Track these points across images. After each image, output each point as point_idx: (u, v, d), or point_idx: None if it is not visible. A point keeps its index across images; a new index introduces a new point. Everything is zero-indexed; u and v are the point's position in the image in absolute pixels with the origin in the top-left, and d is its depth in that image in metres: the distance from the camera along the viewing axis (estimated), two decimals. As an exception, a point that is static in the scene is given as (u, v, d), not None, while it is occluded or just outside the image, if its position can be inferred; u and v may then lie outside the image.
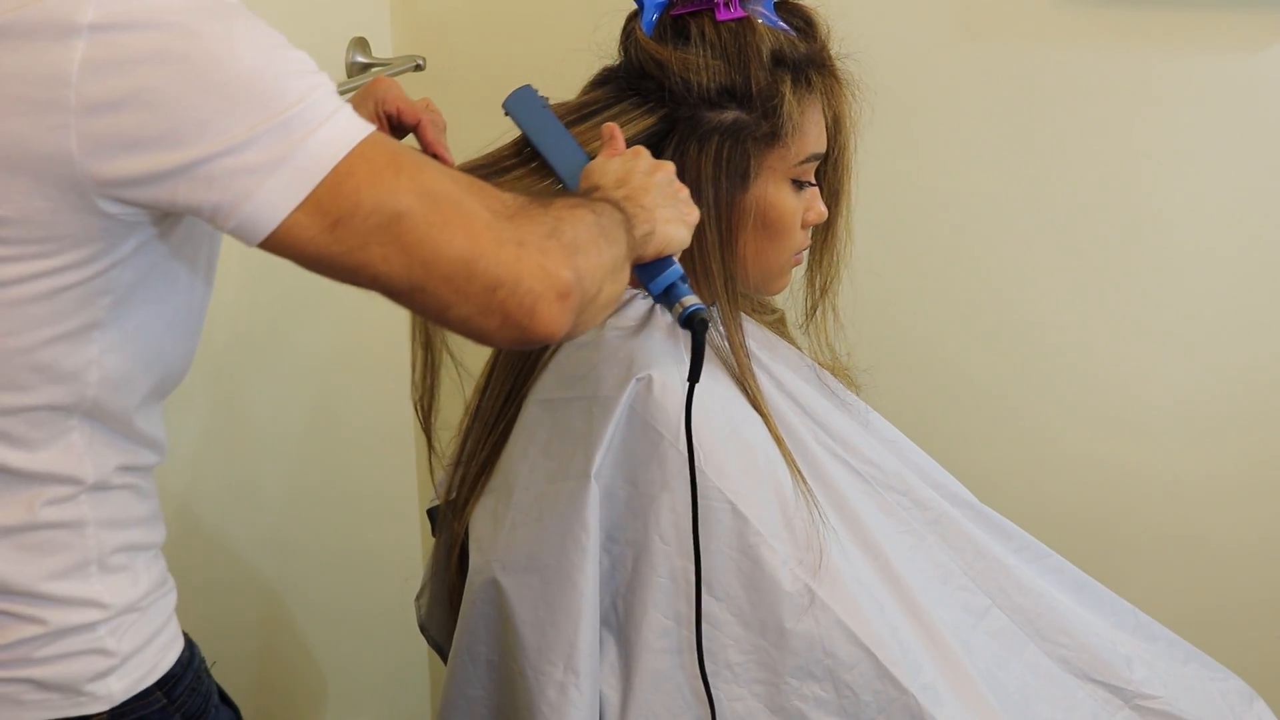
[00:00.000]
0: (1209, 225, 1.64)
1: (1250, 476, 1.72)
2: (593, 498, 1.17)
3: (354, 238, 0.83)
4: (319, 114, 0.82)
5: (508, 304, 0.85)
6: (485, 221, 0.85)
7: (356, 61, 1.80)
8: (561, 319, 0.88)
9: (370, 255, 0.83)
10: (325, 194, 0.82)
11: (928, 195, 1.74)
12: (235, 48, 0.81)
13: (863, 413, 1.37)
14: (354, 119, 0.85)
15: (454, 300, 0.85)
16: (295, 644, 1.90)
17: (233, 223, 0.83)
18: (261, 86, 0.81)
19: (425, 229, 0.83)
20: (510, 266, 0.85)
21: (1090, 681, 1.32)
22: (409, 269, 0.84)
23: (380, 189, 0.83)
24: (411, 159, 0.86)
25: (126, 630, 0.97)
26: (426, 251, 0.84)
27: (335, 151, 0.82)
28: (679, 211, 1.08)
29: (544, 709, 1.17)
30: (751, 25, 1.19)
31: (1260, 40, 1.55)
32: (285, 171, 0.81)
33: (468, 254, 0.84)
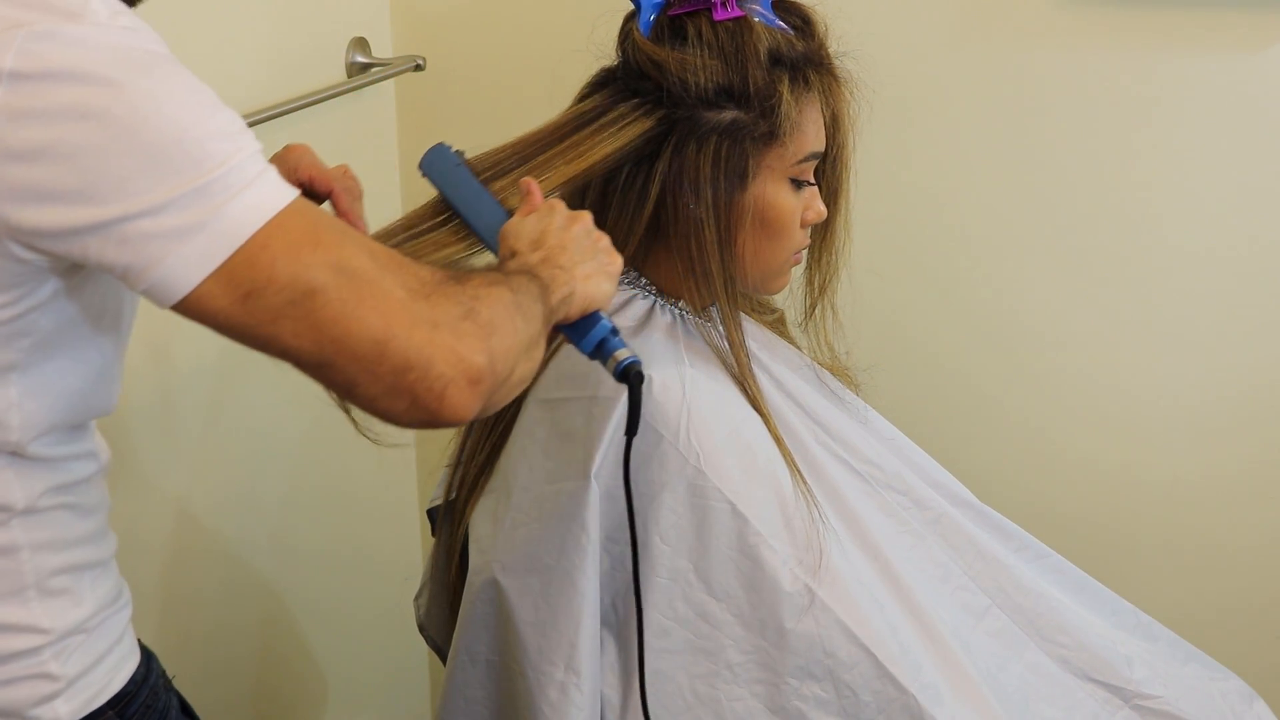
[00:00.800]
0: (1209, 226, 1.64)
1: (1250, 478, 1.72)
2: (593, 498, 1.17)
3: (265, 311, 0.81)
4: (240, 179, 0.80)
5: (417, 387, 0.83)
6: (400, 301, 0.83)
7: (356, 61, 1.80)
8: (472, 404, 0.85)
9: (280, 329, 0.81)
10: (239, 265, 0.79)
11: (927, 194, 1.74)
12: (159, 105, 0.79)
13: (862, 411, 1.37)
14: (277, 186, 0.82)
15: (363, 379, 0.82)
16: (295, 644, 1.90)
17: (144, 285, 0.80)
18: (183, 148, 0.79)
19: (338, 306, 0.81)
20: (422, 349, 0.82)
21: (1090, 681, 1.32)
22: (319, 345, 0.82)
23: (295, 263, 0.80)
24: (331, 232, 0.83)
25: (72, 653, 0.95)
26: (338, 330, 0.81)
27: (252, 221, 0.80)
28: (600, 264, 1.05)
29: (545, 709, 1.17)
30: (749, 25, 1.19)
31: (1260, 40, 1.55)
32: (200, 239, 0.79)
33: (380, 334, 0.82)
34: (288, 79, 1.65)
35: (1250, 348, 1.67)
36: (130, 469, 1.48)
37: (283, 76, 1.65)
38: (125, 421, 1.46)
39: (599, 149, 1.19)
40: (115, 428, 1.43)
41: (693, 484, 1.17)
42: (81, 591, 0.97)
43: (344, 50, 1.79)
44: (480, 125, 1.89)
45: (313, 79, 1.70)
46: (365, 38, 1.81)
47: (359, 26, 1.81)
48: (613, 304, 1.26)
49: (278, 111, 1.58)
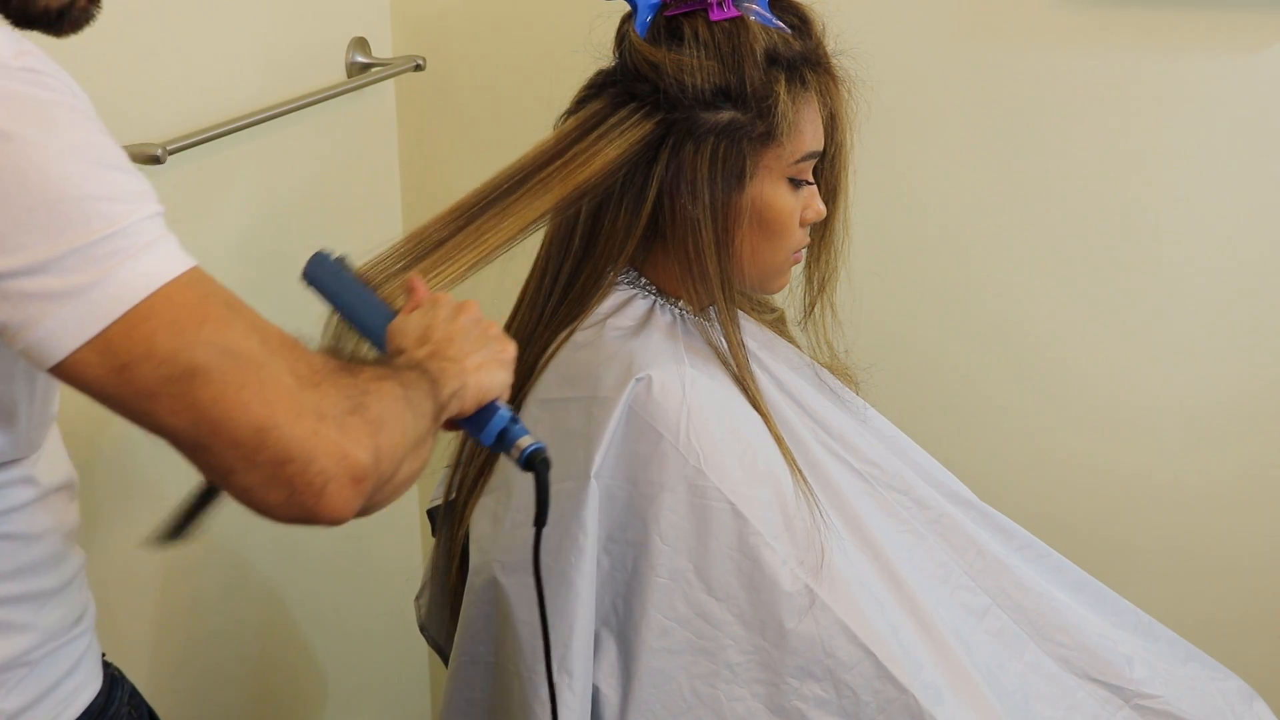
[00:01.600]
0: (1209, 226, 1.64)
1: (1249, 479, 1.72)
2: (592, 497, 1.17)
3: (141, 385, 0.76)
4: (130, 245, 0.76)
5: (296, 481, 0.78)
6: (287, 388, 0.79)
7: (356, 61, 1.80)
8: (352, 503, 0.80)
9: (156, 406, 0.77)
10: (117, 335, 0.75)
11: (926, 193, 1.74)
12: (50, 158, 0.75)
13: (861, 410, 1.37)
14: (170, 255, 0.78)
15: (239, 467, 0.78)
16: (296, 645, 1.90)
17: (20, 345, 0.76)
18: (72, 205, 0.75)
19: (219, 388, 0.76)
20: (305, 441, 0.78)
21: (1090, 681, 1.32)
22: (196, 427, 0.77)
23: (177, 338, 0.76)
24: (222, 308, 0.79)
25: (13, 687, 0.92)
26: (217, 412, 0.76)
27: (138, 290, 0.76)
28: (491, 353, 1.01)
29: (537, 709, 1.17)
30: (745, 24, 1.18)
31: (1260, 40, 1.55)
32: (80, 304, 0.74)
33: (262, 421, 0.77)
34: (288, 79, 1.65)
35: (1249, 349, 1.67)
36: (129, 472, 1.48)
37: (283, 76, 1.65)
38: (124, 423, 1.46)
39: (599, 158, 1.19)
40: (115, 430, 1.43)
41: (693, 484, 1.17)
42: (23, 623, 0.93)
43: (344, 50, 1.79)
44: (480, 125, 1.90)
45: (313, 79, 1.70)
46: (365, 38, 1.81)
47: (359, 26, 1.81)
48: (612, 305, 1.26)
49: (278, 111, 1.58)
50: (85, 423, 1.40)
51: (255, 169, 1.62)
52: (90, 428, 1.41)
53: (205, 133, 1.45)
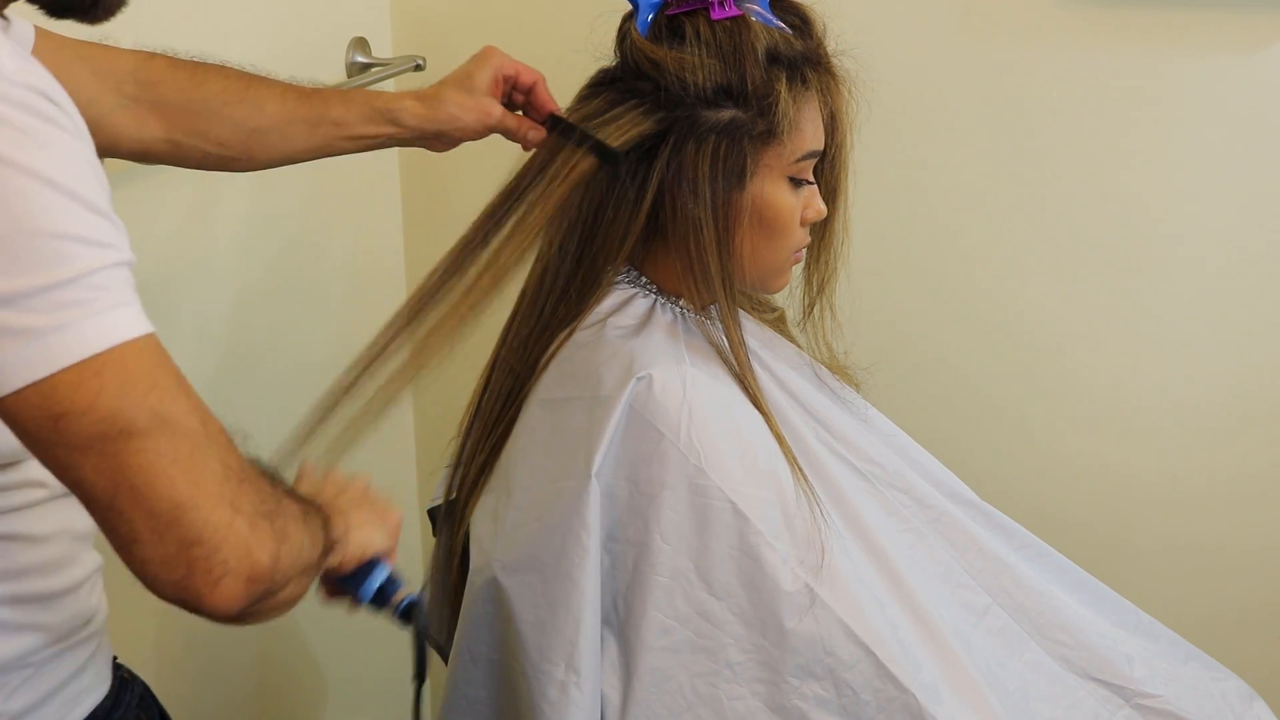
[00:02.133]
0: (1209, 226, 1.64)
1: (1249, 478, 1.72)
2: (593, 497, 1.17)
3: (74, 438, 0.75)
4: (96, 297, 0.75)
5: (197, 565, 0.78)
6: (214, 474, 0.79)
7: (356, 61, 1.80)
8: (240, 600, 0.81)
9: (83, 460, 0.76)
10: (64, 384, 0.74)
11: (926, 194, 1.74)
12: (36, 187, 0.73)
13: (862, 410, 1.37)
14: (133, 316, 0.77)
15: (146, 538, 0.77)
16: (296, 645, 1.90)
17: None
18: (48, 243, 0.73)
19: (150, 458, 0.76)
20: (217, 530, 0.78)
21: (1091, 680, 1.32)
22: (116, 489, 0.76)
23: (122, 399, 0.75)
24: (171, 381, 0.79)
25: (16, 689, 0.92)
26: (141, 480, 0.76)
27: (94, 344, 0.75)
28: (375, 513, 1.04)
29: (544, 708, 1.17)
30: (746, 23, 1.19)
31: (1260, 40, 1.55)
32: (34, 346, 0.73)
33: (183, 500, 0.77)
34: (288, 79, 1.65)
35: (1250, 349, 1.67)
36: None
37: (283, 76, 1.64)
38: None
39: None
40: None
41: (693, 483, 1.17)
42: (26, 624, 0.93)
43: (344, 50, 1.79)
44: (480, 125, 1.90)
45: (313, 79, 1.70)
46: (365, 38, 1.81)
47: (359, 26, 1.81)
48: (613, 304, 1.27)
49: (278, 111, 1.58)
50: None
51: (255, 169, 1.62)
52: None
53: (205, 133, 1.45)
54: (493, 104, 1.26)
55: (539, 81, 1.28)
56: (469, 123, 1.26)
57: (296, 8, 1.67)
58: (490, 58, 1.27)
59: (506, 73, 1.27)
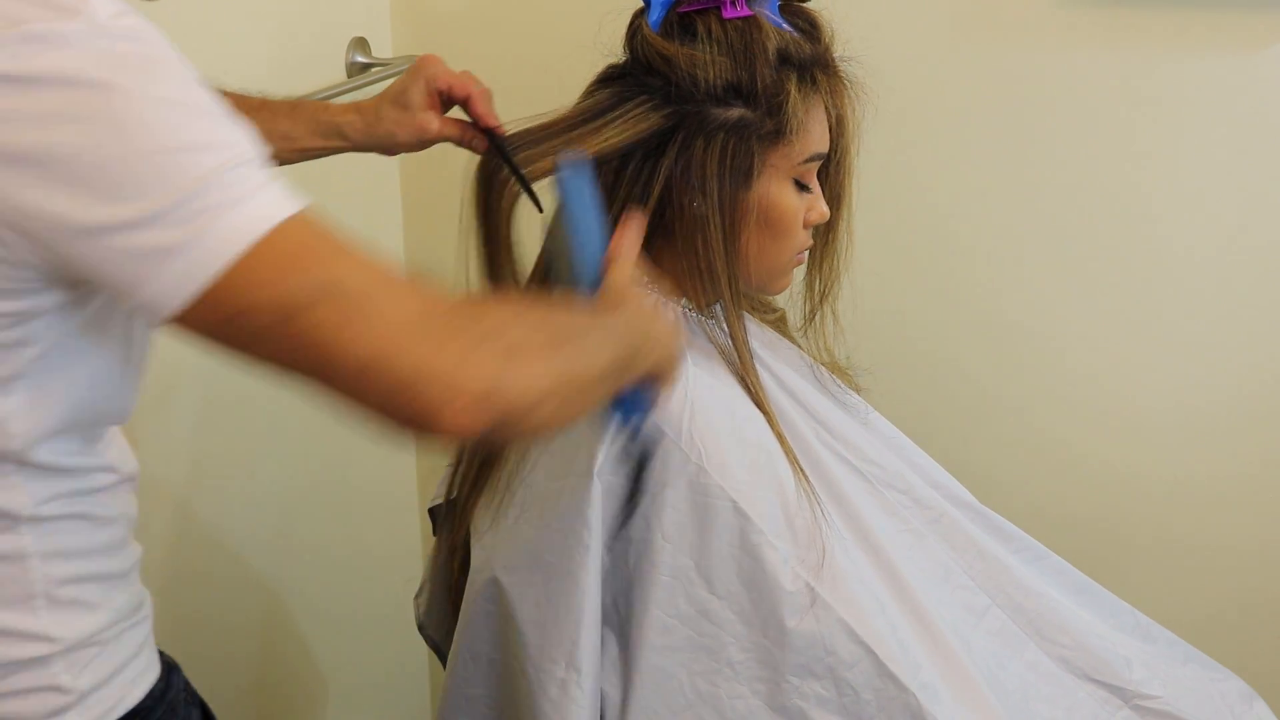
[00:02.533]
0: (1209, 226, 1.65)
1: (1250, 478, 1.72)
2: (595, 495, 1.17)
3: (249, 334, 0.79)
4: (229, 195, 0.77)
5: (416, 403, 0.80)
6: (399, 319, 0.81)
7: (356, 61, 1.80)
8: (478, 421, 0.81)
9: (267, 350, 0.80)
10: (222, 289, 0.77)
11: (927, 196, 1.74)
12: (150, 112, 0.76)
13: (863, 412, 1.38)
14: (270, 201, 0.79)
15: (362, 395, 0.81)
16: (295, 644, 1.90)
17: (132, 303, 0.79)
18: (172, 159, 0.76)
19: (326, 328, 0.78)
20: (419, 368, 0.80)
21: (1090, 681, 1.32)
22: (314, 366, 0.80)
23: (280, 285, 0.78)
24: (327, 247, 0.81)
25: (85, 666, 0.94)
26: (328, 350, 0.79)
27: (238, 241, 0.77)
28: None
29: (545, 707, 1.17)
30: (758, 24, 1.19)
31: (1260, 40, 1.55)
32: (182, 260, 0.76)
33: (373, 353, 0.79)
34: (288, 79, 1.65)
35: (1250, 348, 1.68)
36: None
37: (283, 76, 1.65)
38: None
39: (607, 142, 1.20)
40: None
41: (695, 482, 1.17)
42: (95, 602, 0.95)
43: (344, 50, 1.79)
44: (480, 125, 1.90)
45: (313, 79, 1.70)
46: (365, 38, 1.81)
47: (359, 26, 1.81)
48: None
49: (278, 111, 1.58)
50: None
51: (255, 168, 1.62)
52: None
53: (205, 132, 1.45)
54: (428, 118, 1.24)
55: (474, 96, 1.24)
56: (405, 139, 1.26)
57: (296, 8, 1.68)
58: (423, 70, 1.25)
59: (439, 86, 1.24)
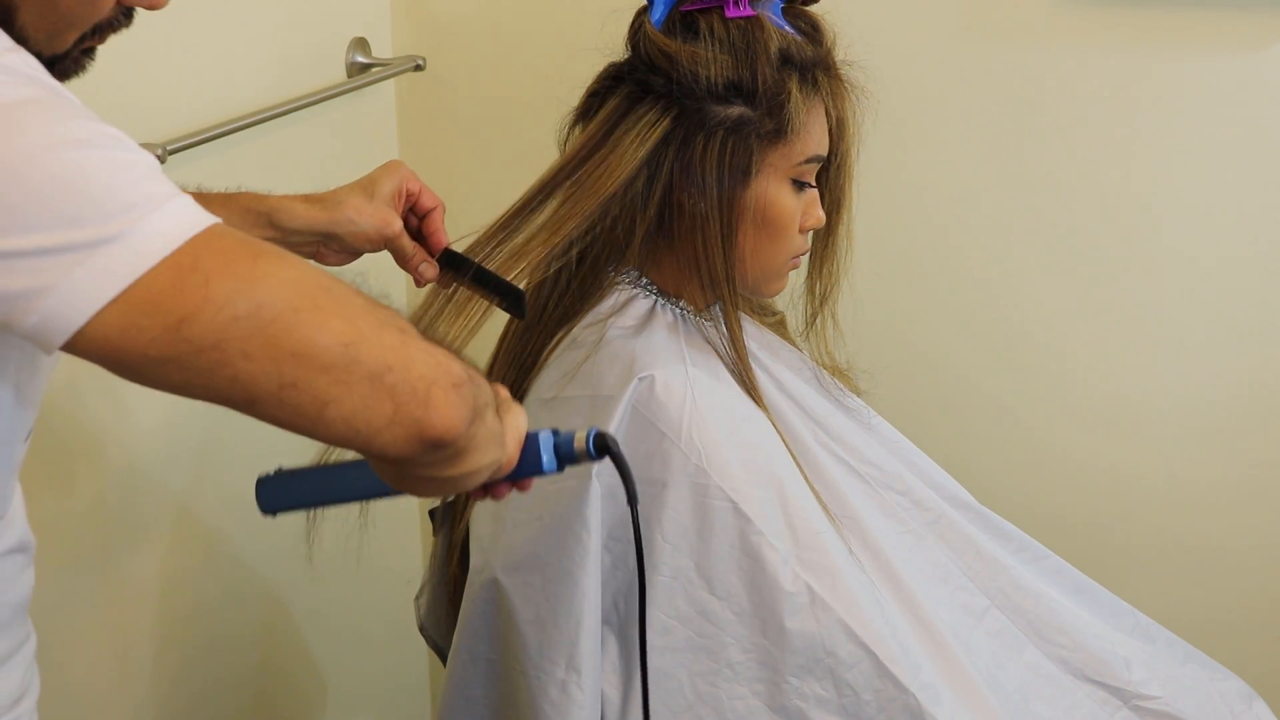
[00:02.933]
0: (1209, 227, 1.64)
1: (1249, 479, 1.72)
2: (594, 496, 1.17)
3: (204, 337, 0.69)
4: (150, 199, 0.70)
5: (399, 389, 0.73)
6: (360, 305, 0.74)
7: (356, 61, 1.80)
8: (460, 410, 0.75)
9: (228, 356, 0.70)
10: (162, 287, 0.69)
11: (926, 196, 1.74)
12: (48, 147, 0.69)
13: (865, 416, 1.38)
14: (195, 207, 0.72)
15: (335, 393, 0.72)
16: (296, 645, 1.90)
17: (33, 319, 0.68)
18: (83, 176, 0.69)
19: (293, 316, 0.71)
20: (397, 350, 0.73)
21: (1089, 682, 1.32)
22: (277, 363, 0.71)
23: (233, 277, 0.70)
24: (268, 246, 0.74)
25: None
26: (296, 340, 0.71)
27: (171, 237, 0.70)
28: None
29: (546, 708, 1.17)
30: (760, 24, 1.19)
31: (1260, 40, 1.55)
32: (103, 256, 0.68)
33: (347, 337, 0.72)
34: (288, 79, 1.66)
35: (1250, 349, 1.67)
36: (131, 475, 1.48)
37: (283, 77, 1.65)
38: (126, 428, 1.47)
39: (628, 162, 1.19)
40: (116, 434, 1.43)
41: (695, 482, 1.17)
42: None
43: (344, 50, 1.79)
44: (480, 125, 1.90)
45: (313, 79, 1.70)
46: (365, 38, 1.81)
47: (359, 26, 1.81)
48: (614, 304, 1.27)
49: (278, 111, 1.58)
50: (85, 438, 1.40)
51: (255, 169, 1.62)
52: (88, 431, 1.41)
53: (205, 133, 1.46)
54: (393, 215, 1.18)
55: (438, 209, 1.20)
56: (366, 228, 1.17)
57: (297, 8, 1.68)
58: (397, 169, 1.20)
59: (410, 187, 1.19)
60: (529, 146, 1.40)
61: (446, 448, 0.77)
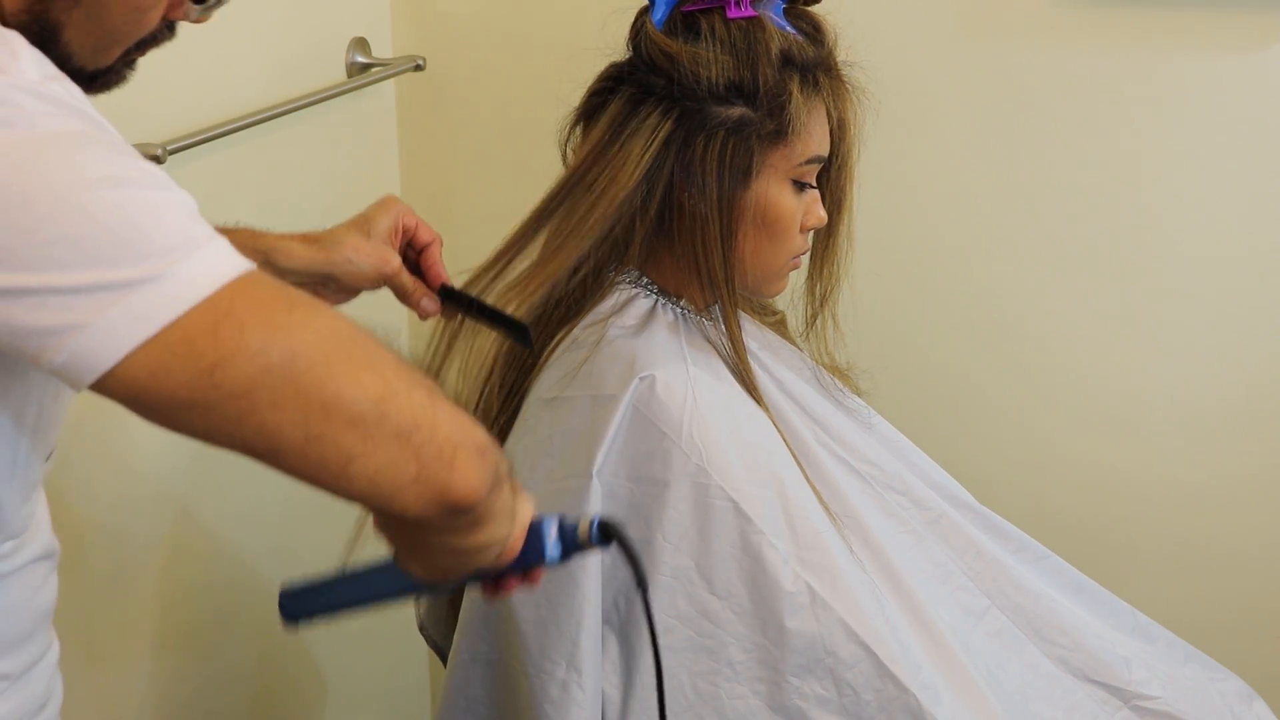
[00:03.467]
0: (1209, 227, 1.65)
1: (1250, 479, 1.72)
2: (594, 495, 1.17)
3: (236, 383, 0.69)
4: (188, 242, 0.70)
5: (425, 450, 0.72)
6: (392, 362, 0.74)
7: (356, 61, 1.80)
8: (483, 475, 0.75)
9: (257, 404, 0.70)
10: (197, 331, 0.68)
11: (926, 196, 1.74)
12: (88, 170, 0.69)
13: (866, 416, 1.38)
14: (231, 251, 0.72)
15: (361, 449, 0.71)
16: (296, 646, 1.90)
17: (62, 356, 0.68)
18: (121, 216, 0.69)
19: (325, 368, 0.70)
20: (426, 409, 0.73)
21: (1089, 682, 1.32)
22: (306, 415, 0.70)
23: (268, 324, 0.70)
24: (303, 295, 0.74)
25: None
26: (328, 393, 0.70)
27: (205, 282, 0.70)
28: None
29: (546, 708, 1.17)
30: (762, 24, 1.19)
31: (1260, 40, 1.55)
32: (139, 298, 0.68)
33: (378, 392, 0.71)
34: (288, 79, 1.65)
35: (1250, 349, 1.67)
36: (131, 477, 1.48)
37: (283, 76, 1.65)
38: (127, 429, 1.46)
39: (637, 169, 1.19)
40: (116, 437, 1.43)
41: (695, 482, 1.17)
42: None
43: (344, 50, 1.79)
44: (480, 125, 1.90)
45: (313, 79, 1.70)
46: (365, 38, 1.81)
47: (359, 26, 1.81)
48: (614, 304, 1.27)
49: (278, 111, 1.58)
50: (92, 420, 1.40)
51: (255, 169, 1.62)
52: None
53: (205, 133, 1.45)
54: (391, 253, 1.16)
55: (435, 242, 1.18)
56: (364, 267, 1.15)
57: (297, 8, 1.67)
58: (393, 205, 1.18)
59: (406, 223, 1.17)
60: (529, 146, 1.41)
61: (467, 513, 0.77)
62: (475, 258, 1.23)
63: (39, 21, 0.76)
